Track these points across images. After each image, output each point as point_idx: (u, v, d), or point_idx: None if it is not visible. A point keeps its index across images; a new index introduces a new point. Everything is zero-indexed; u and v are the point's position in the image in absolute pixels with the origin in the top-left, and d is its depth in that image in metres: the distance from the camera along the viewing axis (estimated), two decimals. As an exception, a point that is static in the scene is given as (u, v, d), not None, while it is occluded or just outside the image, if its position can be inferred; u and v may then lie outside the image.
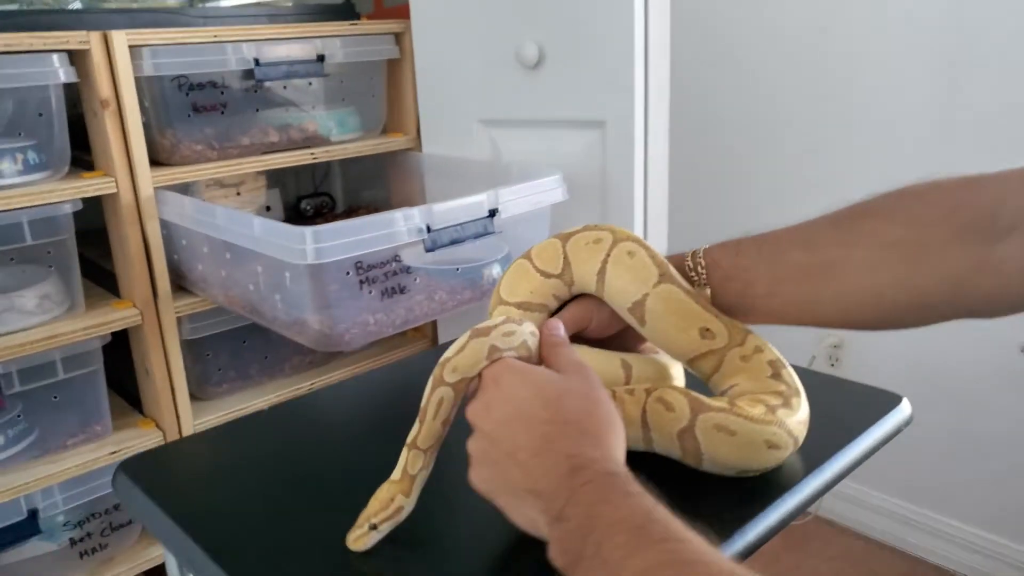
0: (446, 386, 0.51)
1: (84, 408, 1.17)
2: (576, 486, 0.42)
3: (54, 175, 1.10)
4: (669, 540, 0.38)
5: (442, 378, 0.51)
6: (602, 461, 0.44)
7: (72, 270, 1.14)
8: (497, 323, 0.53)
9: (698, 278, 0.60)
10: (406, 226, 1.00)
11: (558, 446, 0.45)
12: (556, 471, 0.44)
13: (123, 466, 0.64)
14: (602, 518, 0.40)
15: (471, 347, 0.51)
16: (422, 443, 0.52)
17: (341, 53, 1.31)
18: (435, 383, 0.51)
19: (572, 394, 0.48)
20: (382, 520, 0.51)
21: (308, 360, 1.40)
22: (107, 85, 1.08)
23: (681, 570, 0.36)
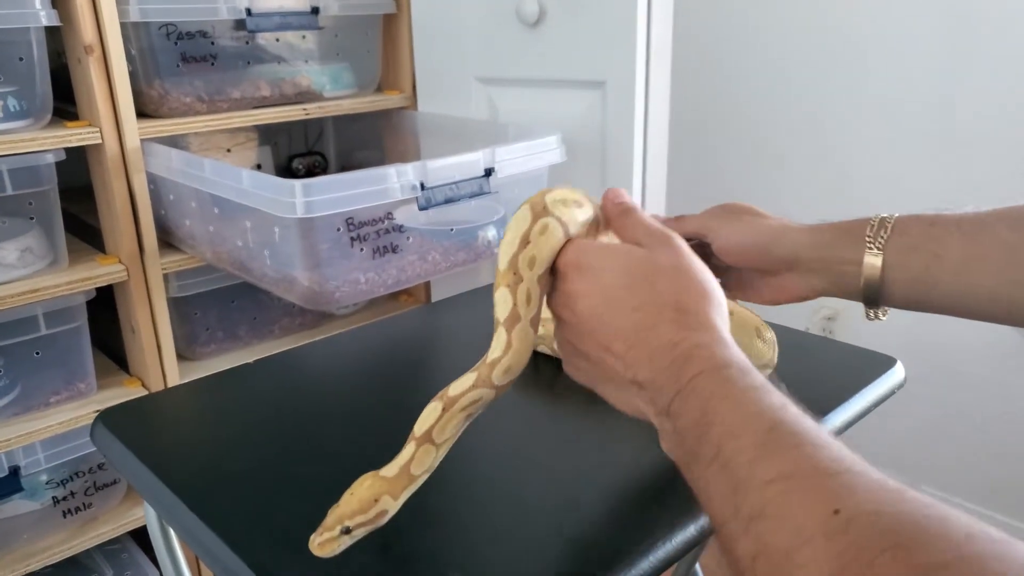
0: (491, 389, 0.44)
1: (68, 365, 1.14)
2: (685, 379, 0.38)
3: (36, 123, 1.07)
4: (804, 445, 0.33)
5: (490, 379, 0.44)
6: (710, 346, 0.39)
7: (55, 223, 1.11)
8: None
9: (873, 242, 0.53)
10: (399, 182, 0.97)
11: (656, 333, 0.40)
12: (658, 361, 0.39)
13: (102, 416, 0.62)
14: (720, 416, 0.35)
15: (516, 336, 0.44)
16: (438, 436, 0.44)
17: (336, 5, 1.27)
18: (478, 381, 0.44)
19: (661, 271, 0.42)
20: (358, 524, 0.41)
21: (298, 321, 1.37)
22: (91, 30, 1.04)
23: (820, 482, 0.31)
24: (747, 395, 0.36)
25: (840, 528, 0.29)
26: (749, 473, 0.33)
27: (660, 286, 0.41)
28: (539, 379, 0.69)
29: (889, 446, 1.49)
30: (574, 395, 0.66)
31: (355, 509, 0.41)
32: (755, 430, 0.34)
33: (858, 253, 0.53)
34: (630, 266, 0.43)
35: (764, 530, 0.31)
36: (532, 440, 0.59)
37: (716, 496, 0.34)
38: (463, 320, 0.82)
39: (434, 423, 0.44)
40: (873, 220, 0.53)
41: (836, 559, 0.28)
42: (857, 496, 0.30)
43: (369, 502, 0.42)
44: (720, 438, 0.35)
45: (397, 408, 0.60)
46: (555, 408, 0.65)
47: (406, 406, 0.61)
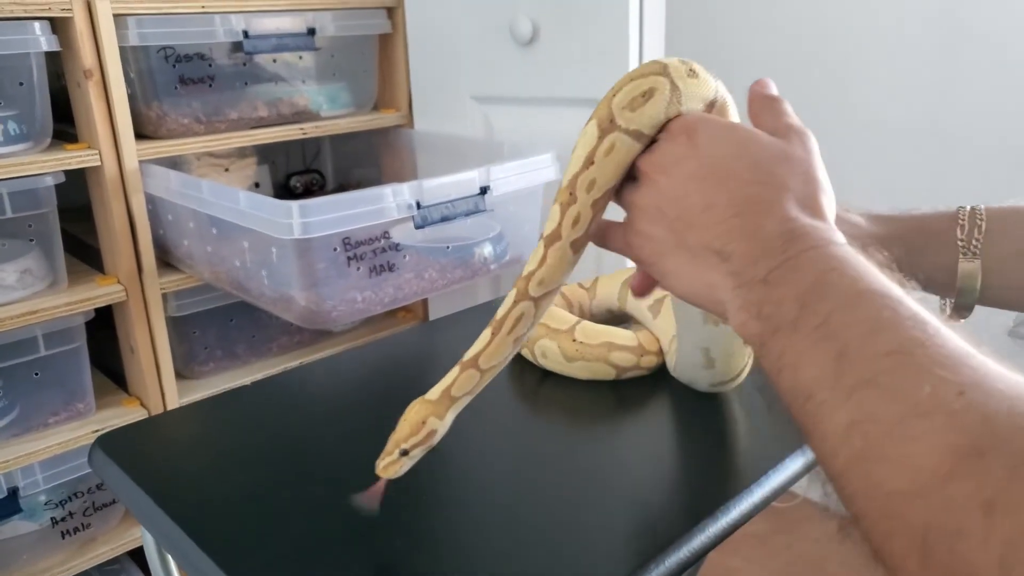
0: (529, 301, 0.45)
1: (67, 386, 1.15)
2: (794, 251, 0.34)
3: (35, 147, 1.08)
4: (928, 327, 0.30)
5: (526, 291, 0.45)
6: (826, 231, 0.36)
7: (54, 245, 1.12)
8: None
9: (967, 247, 0.47)
10: (395, 202, 0.98)
11: (769, 208, 0.36)
12: (763, 233, 0.36)
13: (100, 441, 0.62)
14: (835, 288, 0.32)
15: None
16: (485, 362, 0.46)
17: (332, 27, 1.28)
18: (518, 296, 0.45)
19: (793, 161, 0.38)
20: (413, 445, 0.46)
21: (296, 340, 1.38)
22: (91, 54, 1.06)
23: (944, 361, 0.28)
24: (868, 272, 0.33)
25: (965, 409, 0.26)
26: (862, 343, 0.30)
27: (784, 173, 0.38)
28: (523, 389, 0.69)
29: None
30: (557, 407, 0.66)
31: (407, 432, 0.46)
32: (875, 306, 0.31)
33: (949, 258, 0.47)
34: (757, 147, 0.39)
35: (870, 398, 0.28)
36: (525, 455, 0.60)
37: (810, 365, 0.31)
38: (461, 339, 0.82)
39: (482, 348, 0.46)
40: (962, 217, 0.48)
41: (959, 435, 0.25)
42: (987, 386, 0.27)
43: (418, 424, 0.46)
44: (831, 309, 0.32)
45: (393, 430, 0.61)
46: (542, 420, 0.65)
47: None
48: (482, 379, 0.46)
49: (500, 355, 0.46)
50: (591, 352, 0.67)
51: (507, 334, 0.45)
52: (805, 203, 0.37)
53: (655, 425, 0.64)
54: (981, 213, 0.47)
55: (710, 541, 0.49)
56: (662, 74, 0.41)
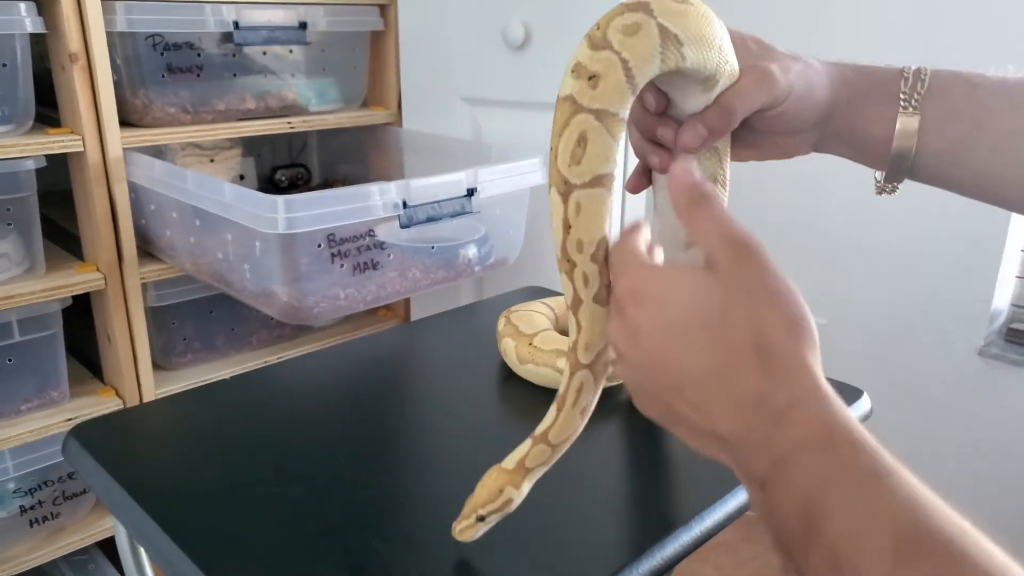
0: (584, 369, 0.45)
1: (41, 373, 1.13)
2: (780, 448, 0.32)
3: (17, 129, 1.06)
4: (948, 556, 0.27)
5: (578, 361, 0.45)
6: (807, 404, 0.32)
7: (33, 229, 1.10)
8: None
9: (908, 101, 0.46)
10: (382, 200, 0.98)
11: (737, 381, 0.33)
12: (743, 416, 0.33)
13: (75, 431, 0.62)
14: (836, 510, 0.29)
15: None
16: (555, 437, 0.47)
17: (324, 21, 1.28)
18: (572, 368, 0.45)
19: (737, 300, 0.34)
20: (490, 512, 0.47)
21: (276, 334, 1.37)
22: (77, 38, 1.04)
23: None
24: (869, 487, 0.29)
25: None
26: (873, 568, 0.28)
27: (736, 320, 0.34)
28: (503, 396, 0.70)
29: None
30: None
31: (485, 499, 0.47)
32: (891, 532, 0.28)
33: (890, 111, 0.46)
34: (699, 296, 0.35)
35: None
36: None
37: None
38: (442, 340, 0.83)
39: (551, 424, 0.47)
40: (907, 72, 0.47)
41: None
42: None
43: (495, 492, 0.47)
44: (837, 539, 0.29)
45: (373, 429, 0.61)
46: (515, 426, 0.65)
47: (383, 427, 0.62)
48: (554, 452, 0.47)
49: (569, 428, 0.47)
50: (540, 357, 0.69)
51: (572, 407, 0.46)
52: (769, 353, 0.33)
53: (629, 434, 0.65)
54: (926, 72, 0.47)
55: (683, 550, 0.50)
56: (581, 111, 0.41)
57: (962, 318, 1.37)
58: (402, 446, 0.58)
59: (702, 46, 0.42)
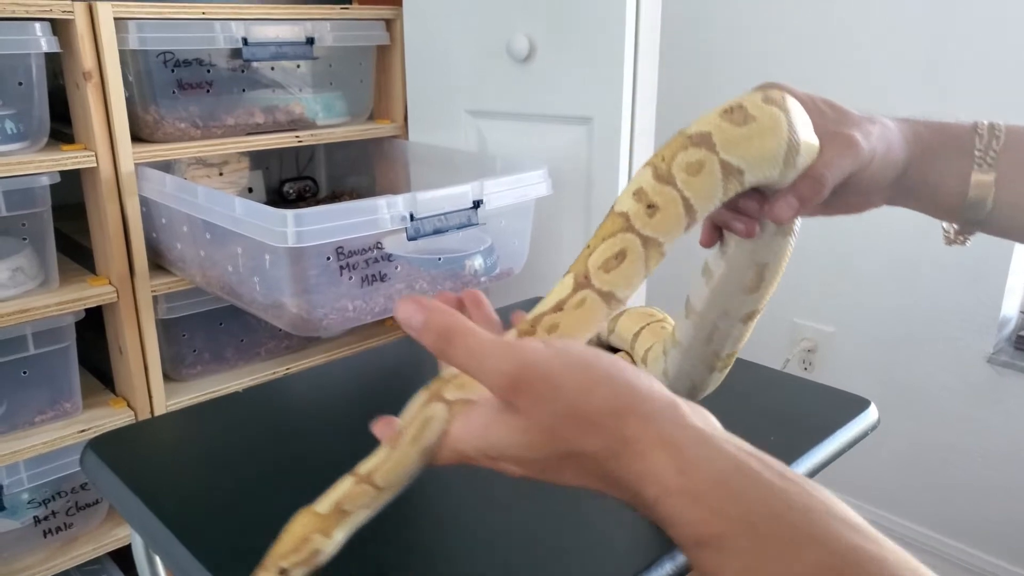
0: (441, 404, 0.38)
1: (54, 384, 1.15)
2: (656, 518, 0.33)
3: (32, 146, 1.08)
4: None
5: (441, 395, 0.38)
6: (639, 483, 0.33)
7: (47, 244, 1.12)
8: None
9: (984, 156, 0.47)
10: (389, 213, 1.00)
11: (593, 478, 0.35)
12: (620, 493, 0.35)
13: (92, 444, 0.63)
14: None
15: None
16: (383, 479, 0.39)
17: (331, 37, 1.30)
18: (429, 397, 0.39)
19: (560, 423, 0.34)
20: (294, 564, 0.39)
21: (284, 345, 1.39)
22: (90, 57, 1.06)
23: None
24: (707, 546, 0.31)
25: None
26: None
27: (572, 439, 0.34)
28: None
29: (862, 479, 1.52)
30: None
31: (288, 549, 0.40)
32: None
33: (964, 167, 0.47)
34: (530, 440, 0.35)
35: None
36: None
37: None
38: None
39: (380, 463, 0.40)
40: (980, 128, 0.48)
41: None
42: None
43: (299, 540, 0.40)
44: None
45: (382, 440, 0.62)
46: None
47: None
48: (379, 496, 0.40)
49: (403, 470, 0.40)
50: None
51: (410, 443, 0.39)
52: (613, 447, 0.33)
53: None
54: (1000, 128, 0.47)
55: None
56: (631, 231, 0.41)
57: (971, 326, 1.38)
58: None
59: (764, 166, 0.42)
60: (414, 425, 0.38)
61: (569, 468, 0.35)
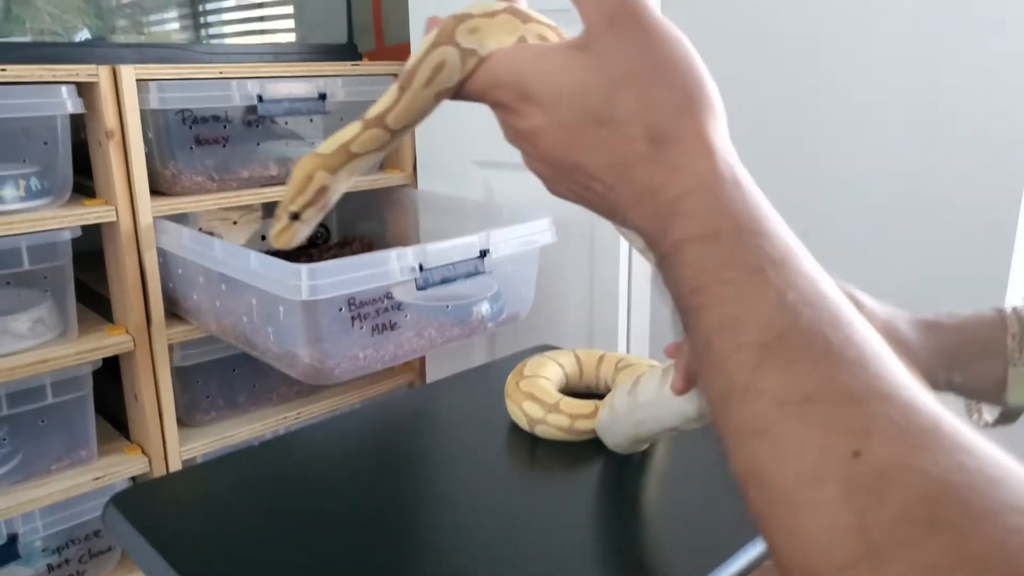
0: (454, 47, 0.36)
1: (71, 432, 1.17)
2: (670, 242, 0.31)
3: (55, 202, 1.12)
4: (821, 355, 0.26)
5: (452, 35, 0.36)
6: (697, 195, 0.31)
7: (67, 295, 1.16)
8: None
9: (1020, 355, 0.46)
10: (399, 265, 1.03)
11: (634, 174, 0.32)
12: (641, 208, 0.33)
13: (114, 500, 0.65)
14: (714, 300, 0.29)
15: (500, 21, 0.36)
16: (394, 121, 0.38)
17: (342, 92, 1.34)
18: (438, 40, 0.36)
19: (621, 85, 0.32)
20: (302, 206, 0.39)
21: (295, 390, 1.41)
22: (113, 117, 1.11)
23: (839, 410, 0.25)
24: (751, 278, 0.29)
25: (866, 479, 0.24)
26: (750, 380, 0.27)
27: (624, 108, 0.32)
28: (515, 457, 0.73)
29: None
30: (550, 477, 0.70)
31: (293, 192, 0.39)
32: (760, 326, 0.28)
33: (998, 368, 0.46)
34: (580, 84, 0.33)
35: (761, 454, 0.26)
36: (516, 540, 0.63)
37: (708, 387, 0.29)
38: (457, 403, 0.86)
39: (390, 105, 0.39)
40: (1011, 324, 0.46)
41: (856, 516, 0.24)
42: (888, 437, 0.24)
43: (303, 182, 0.39)
44: (712, 331, 0.29)
45: (394, 496, 0.64)
46: (543, 488, 0.68)
47: (404, 494, 0.65)
48: (392, 138, 0.39)
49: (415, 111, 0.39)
50: (513, 393, 0.74)
51: (424, 86, 0.38)
52: (659, 140, 0.32)
53: (626, 488, 0.68)
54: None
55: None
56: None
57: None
58: (422, 510, 0.61)
59: None
60: (425, 68, 0.37)
61: (595, 138, 0.33)
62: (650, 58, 0.32)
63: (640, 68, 0.32)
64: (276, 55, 1.34)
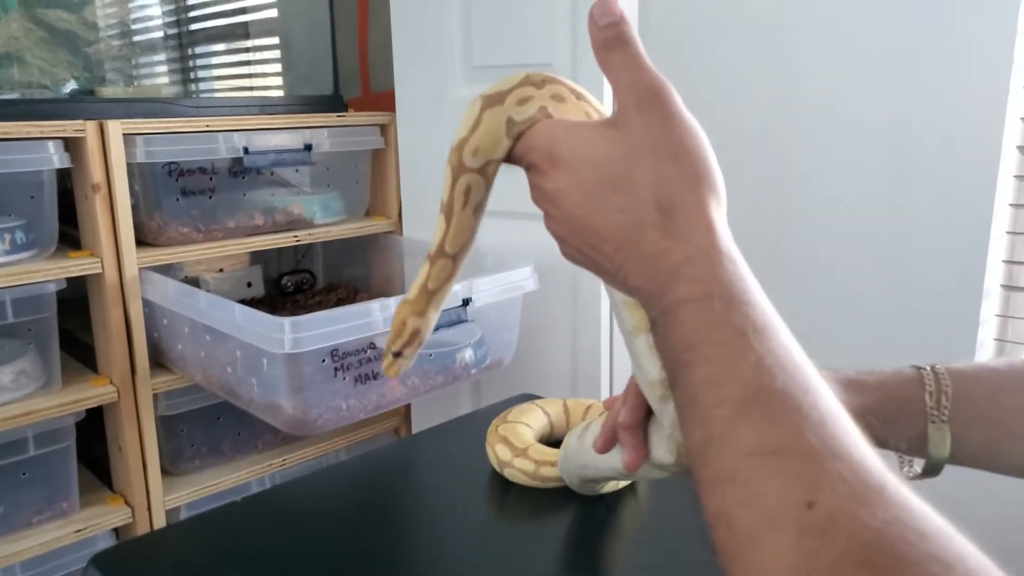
0: (471, 173, 0.44)
1: (53, 485, 1.17)
2: (668, 302, 0.34)
3: (41, 254, 1.13)
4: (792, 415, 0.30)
5: (462, 164, 0.44)
6: (699, 262, 0.34)
7: (51, 346, 1.16)
8: (511, 86, 0.43)
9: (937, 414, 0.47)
10: (382, 316, 1.04)
11: (642, 239, 0.36)
12: (643, 272, 0.36)
13: (95, 561, 0.66)
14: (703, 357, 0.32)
15: (487, 121, 0.43)
16: (451, 246, 0.45)
17: (328, 143, 1.37)
18: (455, 172, 0.44)
19: (639, 154, 0.37)
20: (401, 347, 0.47)
21: (279, 437, 1.41)
22: (100, 171, 1.13)
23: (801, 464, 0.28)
24: (736, 341, 0.32)
25: (816, 526, 0.27)
26: (725, 431, 0.30)
27: (640, 177, 0.36)
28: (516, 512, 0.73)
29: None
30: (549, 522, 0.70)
31: (394, 336, 0.47)
32: (740, 384, 0.31)
33: (918, 427, 0.48)
34: (605, 154, 0.38)
35: (731, 498, 0.29)
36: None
37: (687, 434, 0.33)
38: (446, 452, 0.87)
39: (443, 235, 0.45)
40: (927, 381, 0.48)
41: (804, 557, 0.27)
42: (838, 491, 0.27)
43: (400, 327, 0.47)
44: (699, 385, 0.32)
45: (378, 550, 0.65)
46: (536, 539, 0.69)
47: (389, 547, 0.66)
48: (455, 264, 0.46)
49: (464, 232, 0.46)
50: (491, 436, 0.76)
51: (462, 208, 0.45)
52: (669, 211, 0.36)
53: (618, 542, 0.69)
54: (944, 377, 0.48)
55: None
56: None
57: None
58: (410, 565, 0.62)
59: None
60: (458, 195, 0.44)
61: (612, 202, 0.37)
62: (669, 139, 0.37)
63: (659, 146, 0.37)
64: (263, 107, 1.37)
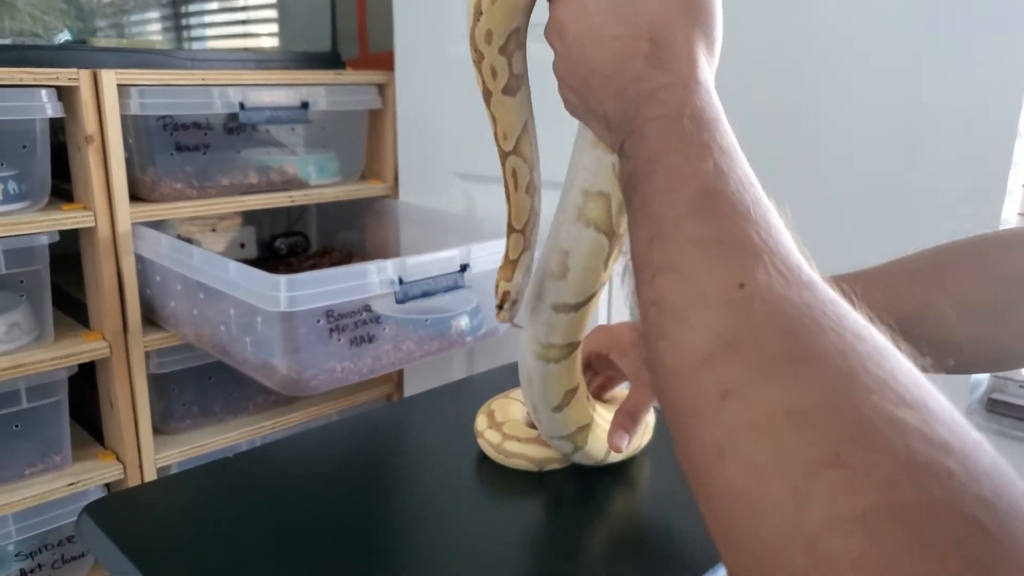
0: (513, 155, 0.52)
1: (45, 438, 1.17)
2: (639, 121, 0.36)
3: (33, 206, 1.12)
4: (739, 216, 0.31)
5: (503, 150, 0.52)
6: (675, 88, 0.36)
7: (44, 300, 1.15)
8: None
9: None
10: (379, 278, 1.04)
11: (628, 67, 0.37)
12: (622, 98, 0.37)
13: (88, 509, 0.66)
14: (664, 167, 0.34)
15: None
16: (516, 222, 0.54)
17: (325, 101, 1.35)
18: (500, 157, 0.52)
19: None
20: (501, 302, 0.55)
21: (272, 399, 1.41)
22: (93, 121, 1.11)
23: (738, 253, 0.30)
24: (699, 152, 0.33)
25: (742, 301, 0.28)
26: (673, 228, 0.32)
27: (644, 13, 0.38)
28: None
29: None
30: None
31: (496, 294, 0.55)
32: (694, 188, 0.32)
33: None
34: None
35: (667, 283, 0.31)
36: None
37: (636, 241, 0.34)
38: (438, 417, 0.87)
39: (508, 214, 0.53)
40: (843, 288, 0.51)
41: (728, 327, 0.28)
42: (772, 277, 0.28)
43: (495, 288, 0.55)
44: (655, 191, 0.33)
45: (368, 509, 0.65)
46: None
47: (377, 508, 0.66)
48: (524, 236, 0.54)
49: (524, 210, 0.53)
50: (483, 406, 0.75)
51: (515, 190, 0.52)
52: (659, 43, 0.37)
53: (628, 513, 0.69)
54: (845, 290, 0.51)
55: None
56: None
57: (942, 388, 1.41)
58: (395, 525, 0.62)
59: None
60: (508, 178, 0.52)
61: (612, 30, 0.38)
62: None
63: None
64: (259, 62, 1.35)
